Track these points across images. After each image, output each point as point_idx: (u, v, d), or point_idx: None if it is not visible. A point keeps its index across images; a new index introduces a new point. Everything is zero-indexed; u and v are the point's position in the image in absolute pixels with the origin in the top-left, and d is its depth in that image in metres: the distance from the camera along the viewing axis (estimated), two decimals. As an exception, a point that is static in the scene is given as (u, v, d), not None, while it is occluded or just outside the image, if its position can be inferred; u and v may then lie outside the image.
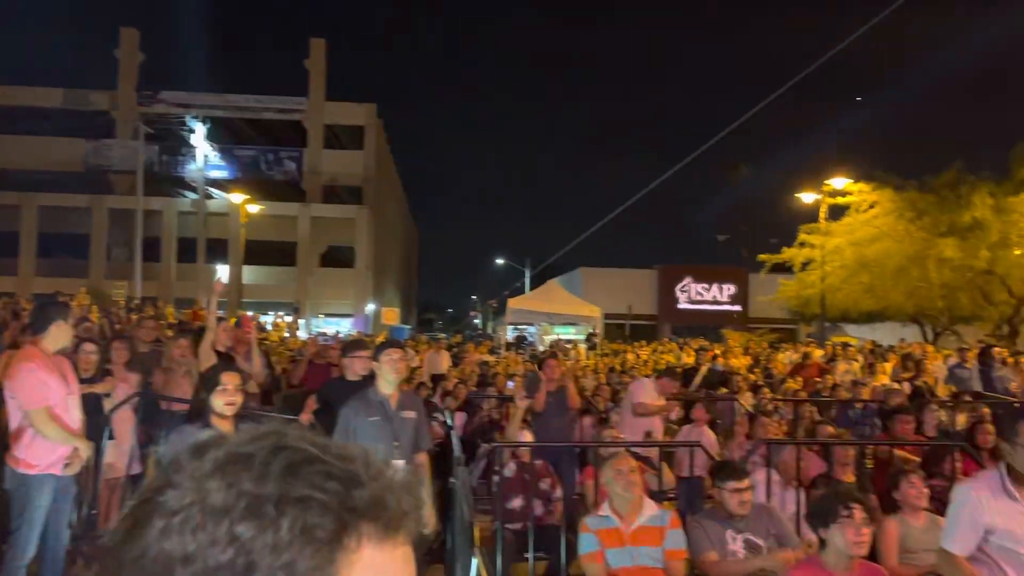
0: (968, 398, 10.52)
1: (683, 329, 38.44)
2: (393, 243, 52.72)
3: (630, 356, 21.48)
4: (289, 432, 0.70)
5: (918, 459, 5.86)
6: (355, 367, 5.79)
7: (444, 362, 16.16)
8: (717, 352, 17.31)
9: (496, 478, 5.71)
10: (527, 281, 46.26)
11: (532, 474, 5.71)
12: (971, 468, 5.59)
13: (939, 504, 5.41)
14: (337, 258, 40.95)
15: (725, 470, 4.51)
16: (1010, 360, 11.57)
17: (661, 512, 4.42)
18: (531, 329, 35.81)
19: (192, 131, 37.55)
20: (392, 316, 31.44)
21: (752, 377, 13.99)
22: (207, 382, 3.85)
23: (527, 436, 6.42)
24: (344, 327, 37.08)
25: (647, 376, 11.47)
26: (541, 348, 26.59)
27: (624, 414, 8.43)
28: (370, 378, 5.08)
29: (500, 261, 55.11)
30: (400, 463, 3.65)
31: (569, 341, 29.40)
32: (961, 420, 9.37)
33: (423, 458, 4.88)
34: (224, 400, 3.77)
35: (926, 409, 8.65)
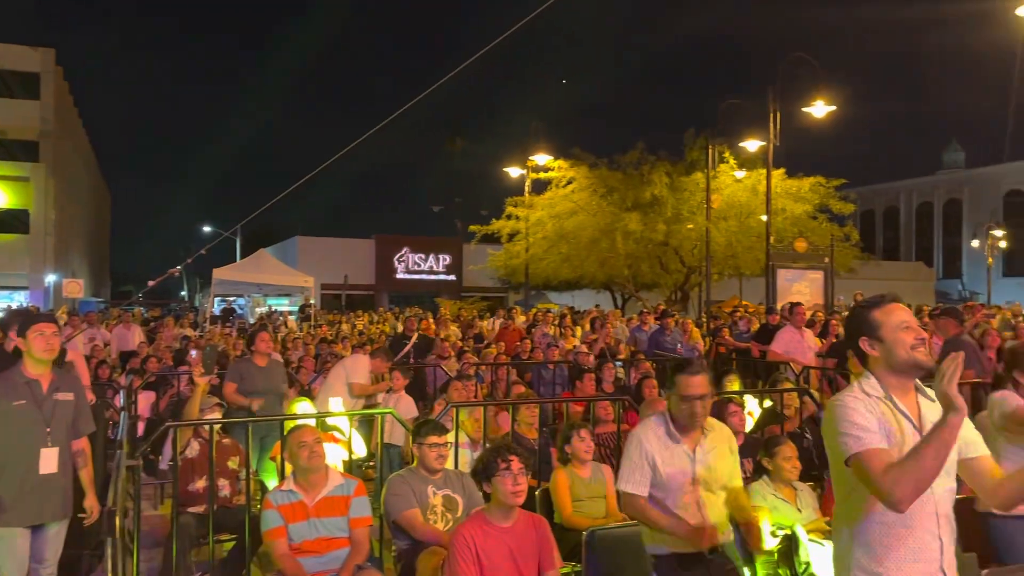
0: (641, 357, 11.81)
1: (400, 298, 38.90)
2: (79, 206, 47.27)
3: (345, 326, 21.26)
4: None
5: (580, 409, 6.43)
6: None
7: (135, 338, 14.89)
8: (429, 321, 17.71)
9: (171, 461, 5.31)
10: (237, 249, 43.86)
11: (218, 454, 5.39)
12: (634, 419, 6.24)
13: (605, 450, 5.99)
14: (8, 222, 35.89)
15: (426, 426, 4.66)
16: (670, 322, 13.15)
17: (347, 482, 4.39)
18: (240, 301, 34.03)
19: None
20: (75, 288, 28.18)
21: (459, 343, 14.49)
22: None
23: (216, 414, 6.07)
24: (18, 301, 32.69)
25: (360, 348, 11.41)
26: (252, 321, 25.38)
27: (329, 385, 8.28)
28: (17, 357, 4.47)
29: (207, 229, 51.38)
30: (50, 451, 3.20)
31: (282, 313, 28.40)
32: (635, 376, 10.45)
33: (82, 444, 4.40)
34: None
35: (605, 368, 9.59)
